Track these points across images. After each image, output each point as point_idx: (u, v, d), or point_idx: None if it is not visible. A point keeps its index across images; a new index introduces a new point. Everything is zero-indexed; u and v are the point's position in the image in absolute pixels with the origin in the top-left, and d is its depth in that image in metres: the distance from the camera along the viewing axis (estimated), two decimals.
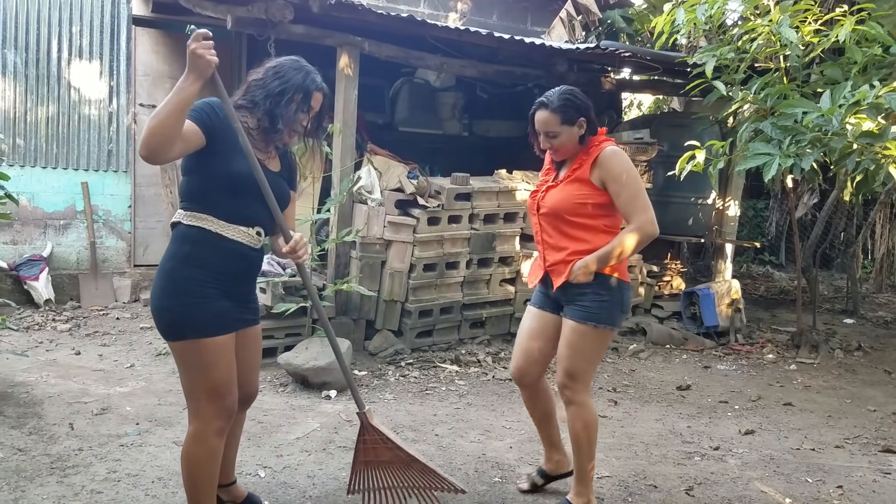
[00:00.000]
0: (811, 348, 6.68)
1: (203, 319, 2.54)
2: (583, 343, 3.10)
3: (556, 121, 3.08)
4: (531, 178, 6.47)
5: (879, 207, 9.50)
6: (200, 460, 2.63)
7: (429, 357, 5.81)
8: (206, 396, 2.59)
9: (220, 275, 2.58)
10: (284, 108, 2.63)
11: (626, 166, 3.05)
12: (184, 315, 2.54)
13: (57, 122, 7.49)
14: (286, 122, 2.64)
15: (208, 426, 2.60)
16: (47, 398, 4.43)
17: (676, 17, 5.41)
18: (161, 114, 2.33)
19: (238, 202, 2.59)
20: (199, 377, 2.57)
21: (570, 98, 3.10)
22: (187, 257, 2.56)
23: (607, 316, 3.09)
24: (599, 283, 3.06)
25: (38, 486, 3.27)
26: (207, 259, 2.56)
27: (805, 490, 3.72)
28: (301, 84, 2.67)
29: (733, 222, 8.14)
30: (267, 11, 5.41)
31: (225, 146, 2.54)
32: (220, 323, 2.57)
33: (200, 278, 2.55)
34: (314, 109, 2.74)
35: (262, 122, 2.65)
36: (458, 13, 8.61)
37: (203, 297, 2.54)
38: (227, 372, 2.60)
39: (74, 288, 7.47)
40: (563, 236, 3.15)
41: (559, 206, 3.13)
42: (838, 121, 4.44)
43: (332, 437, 4.07)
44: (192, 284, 2.54)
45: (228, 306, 2.61)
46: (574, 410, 3.16)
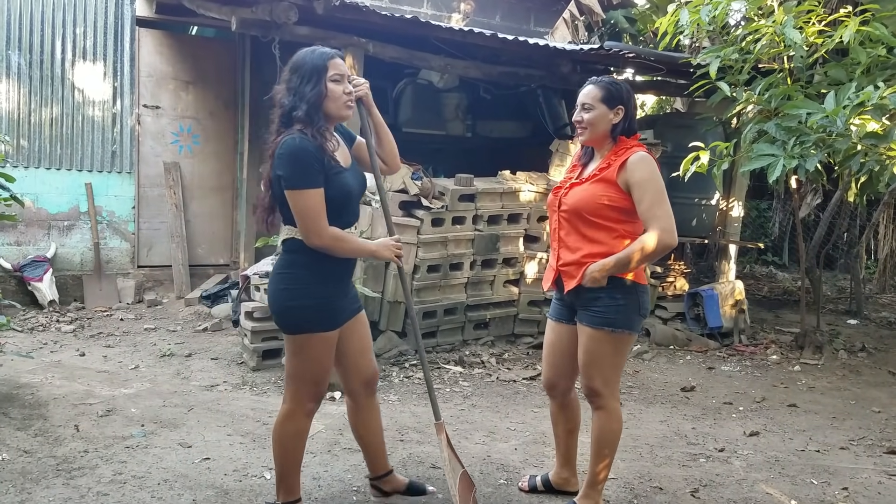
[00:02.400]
0: (815, 349, 6.67)
1: (320, 318, 2.84)
2: (601, 349, 3.07)
3: (596, 95, 3.08)
4: (535, 179, 6.47)
5: (883, 208, 9.49)
6: (289, 437, 2.94)
7: (433, 358, 5.81)
8: (307, 381, 2.90)
9: (332, 273, 2.86)
10: (311, 92, 2.74)
11: (652, 173, 3.01)
12: (305, 313, 2.83)
13: (61, 124, 7.51)
14: (312, 100, 2.74)
15: (301, 408, 2.93)
16: (52, 400, 4.44)
17: (680, 17, 5.40)
18: (347, 248, 2.81)
19: (340, 214, 2.83)
20: (306, 365, 2.89)
21: (618, 84, 3.13)
22: (307, 265, 2.83)
23: (624, 320, 3.04)
24: (614, 286, 3.01)
25: (43, 489, 3.27)
26: (325, 264, 2.82)
27: (810, 492, 3.71)
28: (312, 62, 2.77)
29: (737, 223, 8.13)
30: (271, 13, 5.42)
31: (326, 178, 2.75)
32: (333, 321, 2.88)
33: (321, 279, 2.84)
34: (343, 76, 2.81)
35: (309, 118, 2.74)
36: (461, 14, 8.61)
37: (325, 296, 2.84)
38: (328, 362, 2.92)
39: (78, 289, 7.49)
40: (580, 236, 3.10)
41: (581, 205, 3.07)
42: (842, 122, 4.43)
43: (336, 438, 4.07)
44: (315, 286, 2.83)
45: (340, 304, 2.91)
46: (601, 415, 3.14)
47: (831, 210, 8.18)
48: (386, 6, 7.82)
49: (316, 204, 2.69)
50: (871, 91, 4.32)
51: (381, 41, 5.99)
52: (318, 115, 2.76)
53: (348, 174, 2.87)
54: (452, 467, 3.14)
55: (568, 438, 3.45)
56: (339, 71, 2.79)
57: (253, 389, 5.04)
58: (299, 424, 2.95)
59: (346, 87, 2.82)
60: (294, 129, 2.73)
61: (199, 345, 6.08)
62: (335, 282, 2.88)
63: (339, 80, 2.79)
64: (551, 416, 3.48)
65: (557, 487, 3.48)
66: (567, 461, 3.47)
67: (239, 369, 5.47)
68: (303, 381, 2.91)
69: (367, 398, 3.15)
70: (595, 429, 3.16)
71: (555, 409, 3.44)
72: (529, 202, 6.38)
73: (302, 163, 2.68)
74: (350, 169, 2.91)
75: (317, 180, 2.70)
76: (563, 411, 3.41)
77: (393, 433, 4.19)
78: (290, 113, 2.76)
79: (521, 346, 6.33)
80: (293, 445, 2.97)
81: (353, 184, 2.88)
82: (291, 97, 2.76)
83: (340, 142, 2.94)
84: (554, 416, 3.46)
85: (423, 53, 6.40)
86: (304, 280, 2.83)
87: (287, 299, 2.84)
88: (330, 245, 2.75)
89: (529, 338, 6.44)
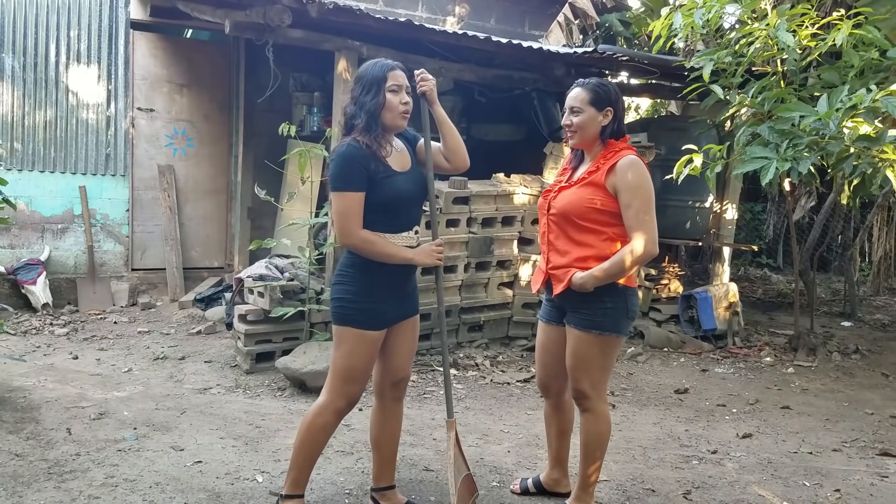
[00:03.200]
0: (809, 351, 6.69)
1: (360, 316, 2.93)
2: (589, 352, 3.07)
3: (584, 98, 3.08)
4: (529, 182, 6.47)
5: (877, 210, 9.53)
6: (315, 430, 3.01)
7: (426, 361, 5.81)
8: (340, 376, 2.98)
9: (381, 280, 2.95)
10: (370, 102, 2.88)
11: (642, 179, 3.00)
12: (352, 308, 2.94)
13: (55, 127, 7.50)
14: (371, 110, 2.87)
15: (333, 403, 2.99)
16: (45, 403, 4.42)
17: (674, 20, 5.42)
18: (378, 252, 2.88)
19: (394, 216, 2.94)
20: (343, 359, 2.98)
21: (606, 86, 3.12)
22: (360, 265, 2.94)
23: (611, 323, 3.05)
24: (602, 289, 3.02)
25: (35, 492, 3.26)
26: (375, 264, 2.92)
27: (802, 494, 3.72)
28: (373, 74, 2.91)
29: (731, 225, 8.14)
30: (265, 16, 5.41)
31: (371, 182, 2.86)
32: (377, 321, 2.96)
33: (370, 280, 2.94)
34: (403, 86, 2.92)
35: (364, 128, 2.87)
36: (456, 17, 8.62)
37: (373, 296, 2.94)
38: (363, 361, 2.98)
39: (72, 292, 7.47)
40: (568, 240, 3.10)
41: (569, 209, 3.08)
42: (835, 124, 4.44)
43: (330, 441, 4.04)
44: (364, 286, 2.94)
45: (388, 307, 2.99)
46: (589, 418, 3.15)
47: (825, 212, 8.21)
48: (380, 9, 7.83)
49: (350, 206, 2.82)
50: (863, 94, 4.33)
51: (375, 44, 5.99)
52: (376, 123, 2.89)
53: (401, 178, 2.94)
54: (457, 467, 3.14)
55: (560, 439, 3.45)
56: (398, 82, 2.91)
57: (246, 392, 5.03)
58: (327, 419, 3.01)
59: (403, 97, 2.92)
60: (350, 137, 2.89)
61: (192, 348, 6.07)
62: (385, 286, 2.97)
63: (397, 91, 2.91)
64: (545, 417, 3.49)
65: (549, 489, 3.49)
66: (558, 462, 3.47)
67: (232, 372, 5.46)
68: (337, 375, 3.00)
69: (392, 402, 3.19)
70: (583, 432, 3.17)
71: (548, 410, 3.45)
72: (524, 205, 6.39)
73: (345, 168, 2.83)
74: (407, 173, 2.98)
75: (356, 185, 2.83)
76: (556, 412, 3.41)
77: None
78: (351, 121, 2.93)
79: (516, 348, 6.33)
80: (314, 439, 3.03)
81: (405, 187, 2.95)
82: (353, 106, 2.92)
83: (401, 147, 3.04)
84: (547, 416, 3.47)
85: (418, 56, 6.39)
86: (354, 279, 2.96)
87: (337, 291, 2.99)
88: (360, 246, 2.87)
89: (523, 340, 6.44)
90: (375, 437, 3.23)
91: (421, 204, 3.12)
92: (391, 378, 3.15)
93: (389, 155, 2.93)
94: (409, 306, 3.11)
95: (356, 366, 2.97)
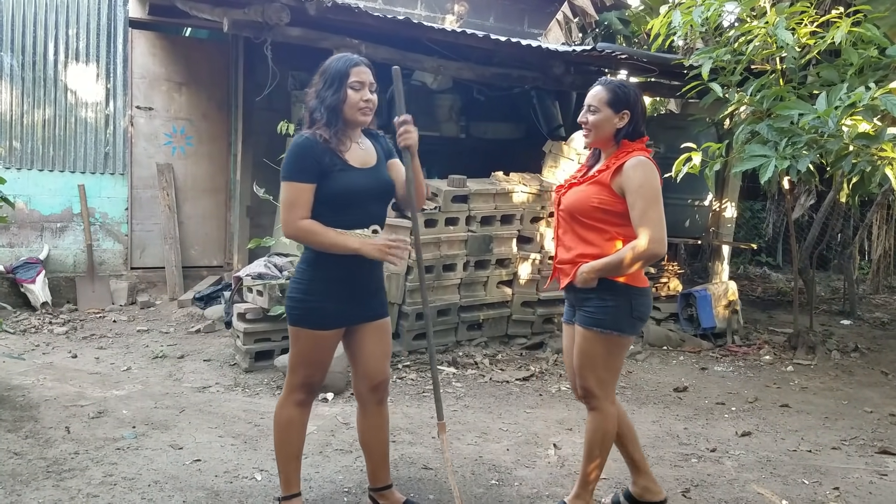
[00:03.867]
0: (808, 350, 6.68)
1: (310, 316, 2.92)
2: (592, 349, 3.06)
3: (602, 97, 3.06)
4: (528, 181, 6.47)
5: (876, 209, 9.52)
6: (281, 425, 3.04)
7: (425, 360, 5.80)
8: (296, 371, 3.01)
9: (334, 276, 2.91)
10: (331, 97, 2.87)
11: (647, 178, 2.96)
12: (305, 310, 2.93)
13: (53, 125, 7.49)
14: (331, 106, 2.86)
15: (292, 396, 3.03)
16: (44, 401, 4.42)
17: (673, 19, 5.42)
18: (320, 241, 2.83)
19: (344, 210, 2.88)
20: (296, 356, 3.00)
21: (626, 88, 3.09)
22: (313, 262, 2.94)
23: (612, 321, 3.02)
24: (604, 287, 3.00)
25: (33, 490, 3.26)
26: (328, 261, 2.89)
27: (802, 492, 3.72)
28: (336, 68, 2.90)
29: (730, 224, 8.15)
30: (263, 14, 5.41)
31: (323, 175, 2.84)
32: (329, 321, 2.94)
33: (322, 278, 2.92)
34: (365, 84, 2.89)
35: (324, 121, 2.86)
36: (455, 15, 8.61)
37: (321, 294, 2.91)
38: (321, 357, 3.00)
39: (71, 291, 7.47)
40: (574, 236, 3.10)
41: (575, 206, 3.09)
42: (834, 122, 4.44)
43: (328, 440, 4.06)
44: (315, 284, 2.92)
45: (347, 307, 2.95)
46: (595, 417, 3.12)
47: (824, 211, 8.21)
48: (379, 7, 7.82)
49: (297, 196, 2.81)
50: (862, 92, 4.34)
51: (373, 42, 5.99)
52: (337, 118, 2.87)
53: (358, 174, 2.90)
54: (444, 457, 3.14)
55: (625, 445, 3.32)
56: (360, 79, 2.88)
57: (245, 391, 5.03)
58: (291, 413, 3.03)
59: (365, 94, 2.89)
60: (310, 130, 2.88)
61: (191, 346, 6.07)
62: (339, 284, 2.92)
63: (359, 88, 2.88)
64: None
65: (640, 499, 3.35)
66: (635, 467, 3.34)
67: (231, 371, 5.46)
68: (293, 370, 3.02)
69: (374, 405, 3.13)
70: (588, 430, 3.15)
71: None
72: (522, 203, 6.39)
73: (297, 158, 2.83)
74: (366, 170, 2.94)
75: (305, 176, 2.81)
76: None
77: None
78: (313, 115, 2.90)
79: (515, 346, 6.32)
80: (285, 436, 3.04)
81: (360, 183, 2.90)
82: (315, 100, 2.91)
83: (367, 145, 3.01)
84: None
85: (416, 55, 6.40)
86: (306, 277, 2.94)
87: (290, 290, 2.99)
88: (302, 236, 2.85)
89: (523, 338, 6.43)
90: (363, 440, 3.21)
91: (382, 203, 3.05)
92: (368, 383, 3.10)
93: (349, 150, 2.91)
94: (373, 308, 3.04)
95: (311, 362, 2.99)
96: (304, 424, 3.10)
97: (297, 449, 3.08)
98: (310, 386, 3.04)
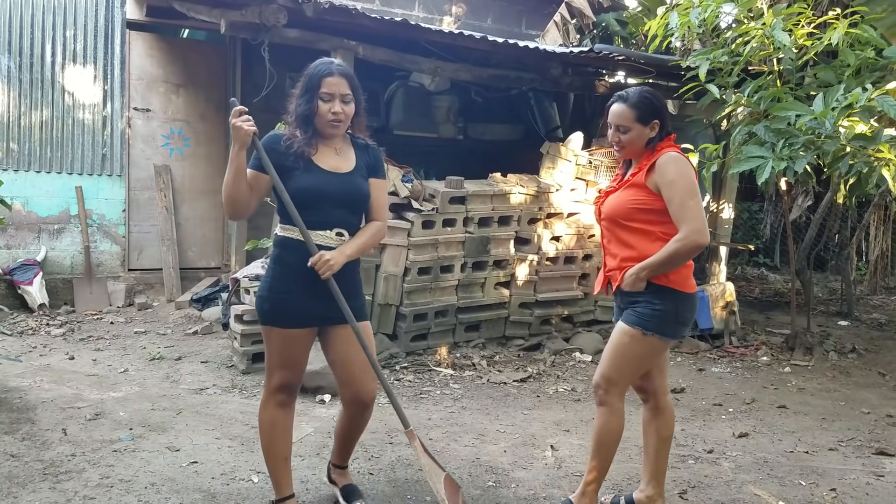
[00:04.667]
0: (805, 351, 6.69)
1: (273, 313, 2.92)
2: (626, 346, 3.06)
3: (630, 116, 3.05)
4: (526, 182, 6.47)
5: (873, 210, 9.53)
6: (264, 427, 3.03)
7: (423, 361, 5.80)
8: (273, 373, 2.99)
9: (302, 273, 2.85)
10: (299, 103, 2.90)
11: (681, 172, 2.98)
12: (269, 307, 2.93)
13: (51, 127, 7.49)
14: (300, 114, 2.88)
15: (272, 397, 3.01)
16: (41, 403, 4.42)
17: (670, 20, 5.42)
18: (225, 185, 2.81)
19: (308, 210, 2.85)
20: (270, 357, 2.99)
21: (648, 97, 3.08)
22: (276, 259, 2.96)
23: (656, 324, 3.01)
24: (654, 291, 3.01)
25: (30, 492, 3.26)
26: (289, 260, 2.91)
27: (798, 493, 3.72)
28: (310, 75, 2.90)
29: (727, 225, 8.15)
30: (261, 15, 5.42)
31: (284, 172, 2.86)
32: (288, 319, 2.91)
33: (284, 276, 2.92)
34: (335, 95, 2.86)
35: (300, 128, 2.90)
36: (452, 17, 8.62)
37: (284, 292, 2.90)
38: (290, 357, 2.97)
39: (69, 292, 7.46)
40: (618, 242, 3.12)
41: (615, 211, 3.11)
42: (831, 124, 4.45)
43: (326, 441, 4.06)
44: (277, 281, 2.93)
45: (306, 305, 2.91)
46: (604, 412, 3.12)
47: (822, 212, 8.21)
48: (377, 9, 7.83)
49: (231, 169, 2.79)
50: (859, 93, 4.34)
51: (371, 44, 5.99)
52: (307, 126, 2.89)
53: (323, 175, 2.89)
54: (434, 472, 3.12)
55: (660, 447, 3.27)
56: (329, 90, 2.85)
57: (242, 393, 5.02)
58: (273, 414, 3.01)
59: (335, 106, 2.86)
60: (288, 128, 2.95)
61: (188, 348, 6.06)
62: (300, 280, 2.87)
63: (327, 99, 2.86)
64: (643, 425, 3.34)
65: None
66: (654, 476, 3.29)
67: (228, 372, 5.45)
68: (269, 371, 3.01)
69: (357, 414, 3.13)
70: (596, 426, 3.16)
71: (647, 416, 3.33)
72: (520, 204, 6.39)
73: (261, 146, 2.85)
74: (337, 174, 2.91)
75: (253, 162, 2.88)
76: (654, 417, 3.29)
77: (382, 436, 4.19)
78: (291, 117, 2.95)
79: (512, 348, 6.32)
80: (269, 438, 3.02)
81: (321, 185, 2.87)
82: (293, 103, 2.94)
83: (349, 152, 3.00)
84: (646, 423, 3.33)
85: (414, 56, 6.40)
86: (271, 273, 2.96)
87: (259, 289, 3.00)
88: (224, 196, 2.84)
89: (520, 340, 6.43)
90: (337, 429, 3.26)
91: (349, 210, 2.95)
92: (349, 393, 3.06)
93: (318, 153, 2.91)
94: (339, 311, 2.90)
95: (284, 363, 2.96)
96: (289, 426, 3.06)
97: (285, 451, 3.05)
98: (287, 388, 3.01)
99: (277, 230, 2.99)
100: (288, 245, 2.92)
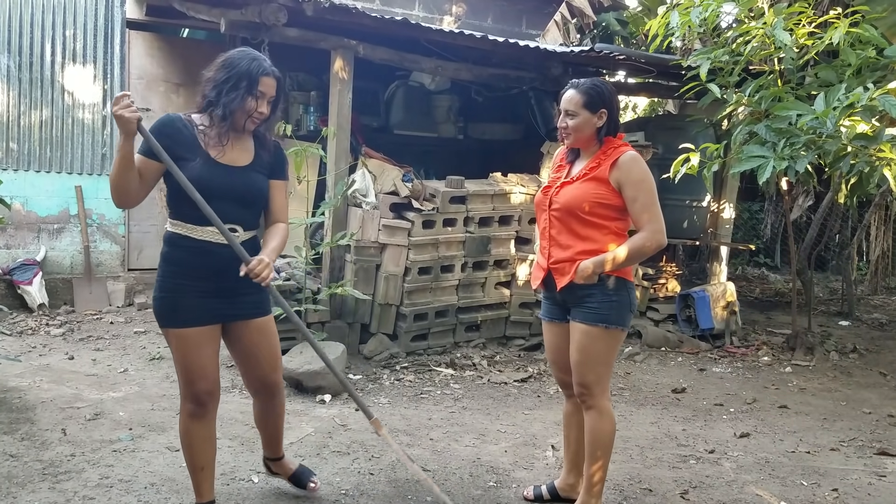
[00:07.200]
0: (806, 350, 6.68)
1: (166, 313, 2.83)
2: (594, 346, 3.07)
3: (578, 101, 3.09)
4: (526, 181, 6.46)
5: (874, 209, 9.52)
6: (181, 435, 2.95)
7: (424, 361, 5.79)
8: (181, 380, 2.89)
9: (193, 270, 2.80)
10: (229, 96, 2.74)
11: (646, 172, 3.06)
12: (161, 306, 2.84)
13: (51, 126, 7.47)
14: (231, 109, 2.75)
15: (183, 407, 2.92)
16: (40, 403, 4.41)
17: (671, 19, 5.40)
18: (112, 173, 2.65)
19: (192, 203, 2.71)
20: (176, 363, 2.87)
21: (599, 86, 3.13)
22: (165, 256, 2.85)
23: (617, 316, 3.06)
24: (606, 283, 3.04)
25: (29, 493, 3.25)
26: (178, 257, 2.81)
27: (800, 493, 3.71)
28: (246, 70, 2.76)
29: (728, 225, 8.14)
30: (261, 15, 5.40)
31: (176, 160, 2.71)
32: (182, 318, 2.80)
33: (174, 273, 2.81)
34: (266, 95, 2.80)
35: (214, 116, 2.77)
36: (452, 16, 8.61)
37: (174, 290, 2.80)
38: (196, 361, 2.83)
39: (68, 292, 7.45)
40: (571, 234, 3.12)
41: (573, 203, 3.10)
42: (832, 123, 4.44)
43: (326, 441, 4.05)
44: (167, 279, 2.82)
45: (203, 302, 2.81)
46: (593, 415, 3.12)
47: (822, 212, 8.20)
48: (377, 8, 7.81)
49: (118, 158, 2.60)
50: (860, 92, 4.32)
51: (371, 43, 5.98)
52: (227, 119, 2.76)
53: (218, 169, 2.77)
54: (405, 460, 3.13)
55: (578, 442, 3.34)
56: (265, 90, 2.79)
57: (242, 393, 5.01)
58: (185, 424, 2.92)
59: (262, 106, 2.80)
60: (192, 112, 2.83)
61: None
62: (192, 277, 2.79)
63: (260, 97, 2.79)
64: (564, 417, 3.41)
65: (564, 495, 3.39)
66: (575, 465, 3.37)
67: (228, 372, 5.43)
68: (178, 377, 2.90)
69: (266, 401, 3.14)
70: (588, 430, 3.15)
71: (570, 408, 3.36)
72: (520, 204, 6.38)
73: (151, 130, 2.71)
74: (230, 167, 2.80)
75: (142, 147, 2.71)
76: (578, 410, 3.30)
77: None
78: (206, 101, 2.79)
79: (513, 348, 6.31)
80: (184, 446, 2.96)
81: (215, 178, 2.75)
82: (214, 93, 2.76)
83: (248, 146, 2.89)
84: (567, 416, 3.38)
85: (414, 55, 6.39)
86: (160, 272, 2.85)
87: (154, 290, 2.88)
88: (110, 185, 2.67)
89: (521, 340, 6.42)
90: (256, 422, 3.25)
91: (242, 206, 2.85)
92: (254, 385, 3.08)
93: (211, 144, 2.78)
94: (248, 306, 2.90)
95: (187, 367, 2.83)
96: (207, 436, 2.95)
97: (202, 461, 2.96)
98: (196, 396, 2.86)
99: (167, 226, 2.85)
100: (175, 241, 2.81)
